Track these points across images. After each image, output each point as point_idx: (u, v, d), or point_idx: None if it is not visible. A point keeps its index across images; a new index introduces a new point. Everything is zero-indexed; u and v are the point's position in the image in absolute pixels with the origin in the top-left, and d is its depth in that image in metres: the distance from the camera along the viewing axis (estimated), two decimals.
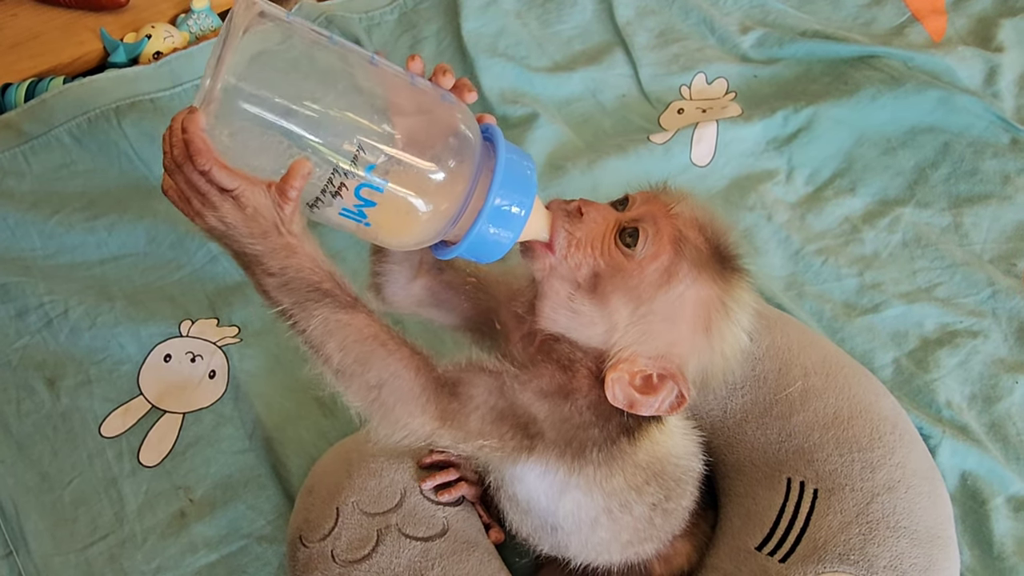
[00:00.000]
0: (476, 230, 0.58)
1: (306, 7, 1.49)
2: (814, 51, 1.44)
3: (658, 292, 0.62)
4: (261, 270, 0.56)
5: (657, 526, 0.77)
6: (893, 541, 0.78)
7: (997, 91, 1.38)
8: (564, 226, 0.63)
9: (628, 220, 0.64)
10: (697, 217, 0.64)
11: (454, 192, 0.58)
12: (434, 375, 0.60)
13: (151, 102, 1.33)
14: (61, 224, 1.18)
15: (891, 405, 0.90)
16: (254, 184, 0.54)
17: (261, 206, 0.54)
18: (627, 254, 0.62)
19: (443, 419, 0.60)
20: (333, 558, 0.80)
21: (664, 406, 0.62)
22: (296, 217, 0.56)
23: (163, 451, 1.02)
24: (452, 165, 0.58)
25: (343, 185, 0.56)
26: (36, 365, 1.07)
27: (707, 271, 0.63)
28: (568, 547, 0.77)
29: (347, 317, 0.57)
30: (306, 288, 0.56)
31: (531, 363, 0.65)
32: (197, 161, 0.52)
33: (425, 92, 0.61)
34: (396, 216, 0.58)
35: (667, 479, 0.73)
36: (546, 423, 0.63)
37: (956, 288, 1.17)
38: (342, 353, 0.57)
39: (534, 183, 0.60)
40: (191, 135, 0.52)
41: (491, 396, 0.62)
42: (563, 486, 0.68)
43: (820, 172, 1.32)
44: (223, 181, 0.53)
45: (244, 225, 0.55)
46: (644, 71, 1.45)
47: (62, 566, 0.95)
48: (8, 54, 1.43)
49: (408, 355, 0.60)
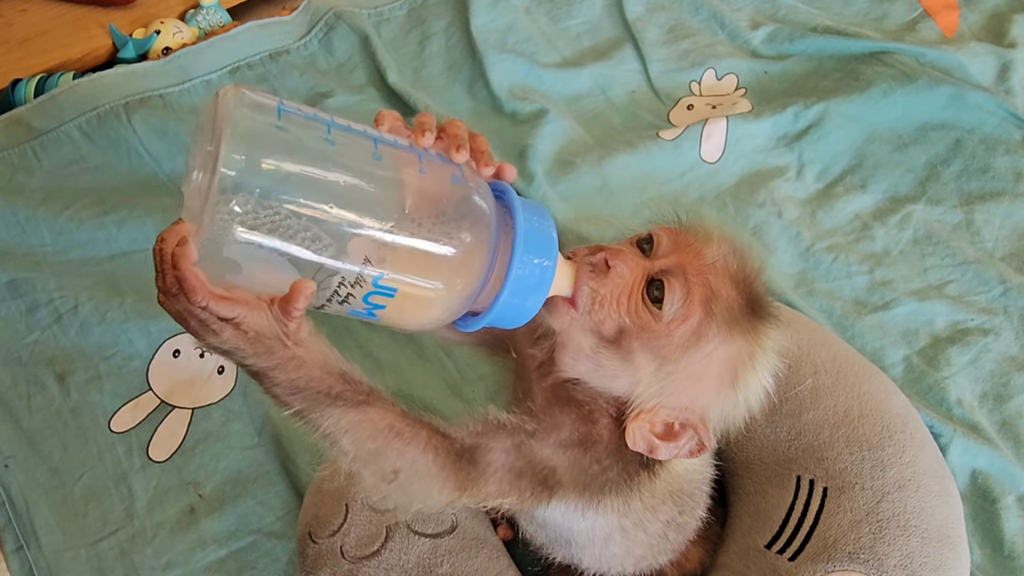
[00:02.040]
0: (500, 303, 0.55)
1: (314, 3, 1.49)
2: (825, 47, 1.43)
3: (685, 353, 0.60)
4: (269, 383, 0.55)
5: (671, 540, 0.76)
6: (903, 540, 0.78)
7: (1010, 87, 1.37)
8: (589, 283, 0.60)
9: (656, 272, 0.61)
10: (730, 267, 0.61)
11: (472, 269, 0.55)
12: (452, 451, 0.59)
13: (160, 98, 1.33)
14: (71, 220, 1.18)
15: (902, 403, 0.90)
16: (254, 307, 0.52)
17: (264, 328, 0.52)
18: (655, 314, 0.59)
19: (463, 488, 0.60)
20: (342, 554, 0.80)
21: (683, 452, 0.62)
22: (302, 327, 0.54)
23: (172, 447, 1.03)
24: (469, 243, 0.54)
25: (350, 295, 0.53)
26: (46, 361, 1.08)
27: (737, 328, 0.60)
28: (581, 559, 0.76)
29: (359, 416, 0.56)
30: (316, 395, 0.55)
31: (549, 409, 0.64)
32: (192, 298, 0.50)
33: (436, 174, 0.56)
34: (411, 307, 0.55)
35: (682, 496, 0.73)
36: (566, 474, 0.63)
37: (967, 286, 1.17)
38: (357, 448, 0.57)
39: (555, 245, 0.57)
40: (183, 272, 0.49)
41: (509, 457, 0.61)
42: (582, 511, 0.67)
43: (831, 169, 1.31)
44: (222, 312, 0.51)
45: (248, 347, 0.53)
46: (654, 67, 1.45)
47: (72, 561, 0.95)
48: (17, 50, 1.43)
49: (425, 440, 0.59)
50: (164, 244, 0.50)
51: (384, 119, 0.58)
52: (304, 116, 0.52)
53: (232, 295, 0.51)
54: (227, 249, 0.49)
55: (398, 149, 0.56)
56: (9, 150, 1.26)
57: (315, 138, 0.51)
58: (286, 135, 0.50)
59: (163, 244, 0.50)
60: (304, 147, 0.51)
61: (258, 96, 0.51)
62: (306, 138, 0.51)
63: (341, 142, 0.53)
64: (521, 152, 1.29)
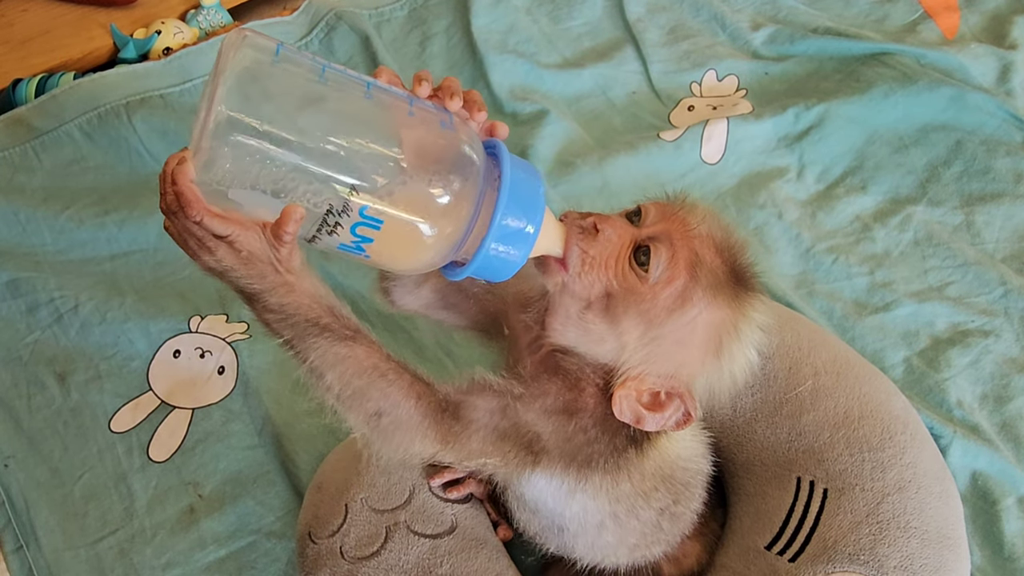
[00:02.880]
0: (484, 251, 0.57)
1: (315, 3, 1.49)
2: (826, 48, 1.43)
3: (671, 316, 0.61)
4: (260, 307, 0.57)
5: (665, 530, 0.76)
6: (903, 541, 0.78)
7: (1010, 89, 1.37)
8: (578, 243, 0.62)
9: (644, 238, 0.62)
10: (715, 236, 0.63)
11: (459, 215, 0.57)
12: (435, 400, 0.61)
13: (161, 98, 1.33)
14: (72, 220, 1.18)
15: (902, 405, 0.90)
16: (248, 228, 0.55)
17: (256, 249, 0.55)
18: (641, 276, 0.61)
19: (444, 441, 0.61)
20: (342, 554, 0.80)
21: (670, 423, 0.62)
22: (293, 255, 0.56)
23: (172, 447, 1.03)
24: (456, 187, 0.56)
25: (338, 224, 0.55)
26: (46, 360, 1.08)
27: (722, 295, 0.62)
28: (574, 548, 0.77)
29: (346, 350, 0.58)
30: (304, 323, 0.57)
31: (537, 376, 0.65)
32: (188, 212, 0.52)
33: (425, 117, 0.59)
34: (398, 245, 0.57)
35: (675, 483, 0.73)
36: (550, 440, 0.64)
37: (968, 287, 1.17)
38: (341, 384, 0.58)
39: (542, 200, 0.59)
40: (180, 187, 0.52)
41: (493, 417, 0.62)
42: (570, 490, 0.68)
43: (831, 170, 1.31)
44: (216, 229, 0.54)
45: (241, 267, 0.55)
46: (654, 68, 1.45)
47: (72, 561, 0.95)
48: (18, 50, 1.43)
49: (408, 383, 0.60)
50: (167, 165, 0.53)
51: (383, 73, 0.60)
52: (301, 58, 0.55)
53: (227, 214, 0.54)
54: (221, 180, 0.52)
55: (390, 94, 0.58)
56: (10, 150, 1.26)
57: (309, 77, 0.54)
58: (281, 73, 0.54)
59: (166, 165, 0.53)
60: (298, 84, 0.54)
61: (260, 38, 0.54)
62: (300, 76, 0.54)
63: (334, 82, 0.56)
64: (522, 153, 1.29)
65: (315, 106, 0.54)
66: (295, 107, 0.53)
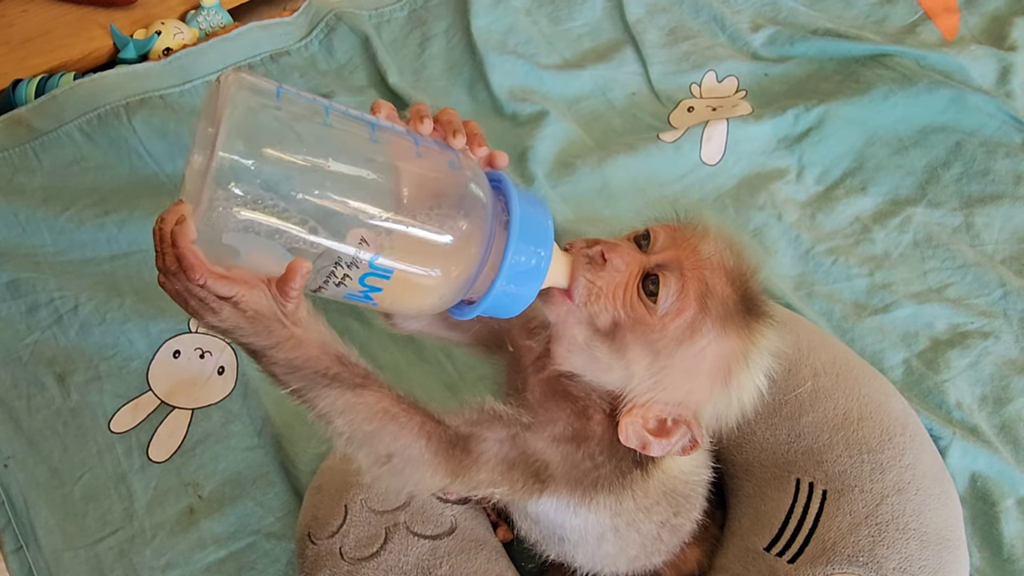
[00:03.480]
0: (494, 291, 0.55)
1: (315, 4, 1.49)
2: (825, 49, 1.43)
3: (680, 347, 0.60)
4: (267, 361, 0.55)
5: (665, 541, 0.76)
6: (902, 543, 0.78)
7: (1010, 90, 1.37)
8: (585, 274, 0.60)
9: (653, 267, 0.61)
10: (726, 264, 0.62)
11: (469, 257, 0.55)
12: (446, 436, 0.60)
13: (161, 98, 1.33)
14: (71, 220, 1.18)
15: (901, 406, 0.90)
16: (253, 287, 0.53)
17: (262, 307, 0.53)
18: (649, 307, 0.60)
19: (455, 475, 0.60)
20: (342, 555, 0.80)
21: (676, 448, 0.62)
22: (300, 308, 0.55)
23: (172, 447, 1.03)
24: (465, 229, 0.54)
25: (347, 276, 0.53)
26: (46, 361, 1.08)
27: (732, 325, 0.61)
28: (575, 557, 0.77)
29: (355, 398, 0.57)
30: (313, 374, 0.56)
31: (544, 402, 0.64)
32: (191, 276, 0.50)
33: (433, 158, 0.57)
34: (407, 292, 0.56)
35: (677, 497, 0.73)
36: (559, 469, 0.63)
37: (967, 288, 1.17)
38: (351, 429, 0.57)
39: (551, 234, 0.57)
40: (182, 250, 0.49)
41: (503, 447, 0.62)
42: (574, 507, 0.67)
43: (831, 171, 1.31)
44: (220, 291, 0.51)
45: (247, 325, 0.53)
46: (654, 69, 1.45)
47: (72, 561, 0.95)
48: (19, 50, 1.43)
49: (419, 424, 0.59)
50: (164, 224, 0.50)
51: (380, 108, 0.59)
52: (303, 100, 0.53)
53: (230, 274, 0.52)
54: (224, 233, 0.50)
55: (395, 134, 0.56)
56: (10, 150, 1.26)
57: (313, 122, 0.52)
58: (284, 119, 0.51)
59: (163, 224, 0.50)
60: (302, 131, 0.51)
61: (258, 80, 0.52)
62: (304, 122, 0.52)
63: (339, 126, 0.53)
64: (522, 153, 1.29)
65: (321, 151, 0.51)
66: (301, 153, 0.51)
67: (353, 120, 0.55)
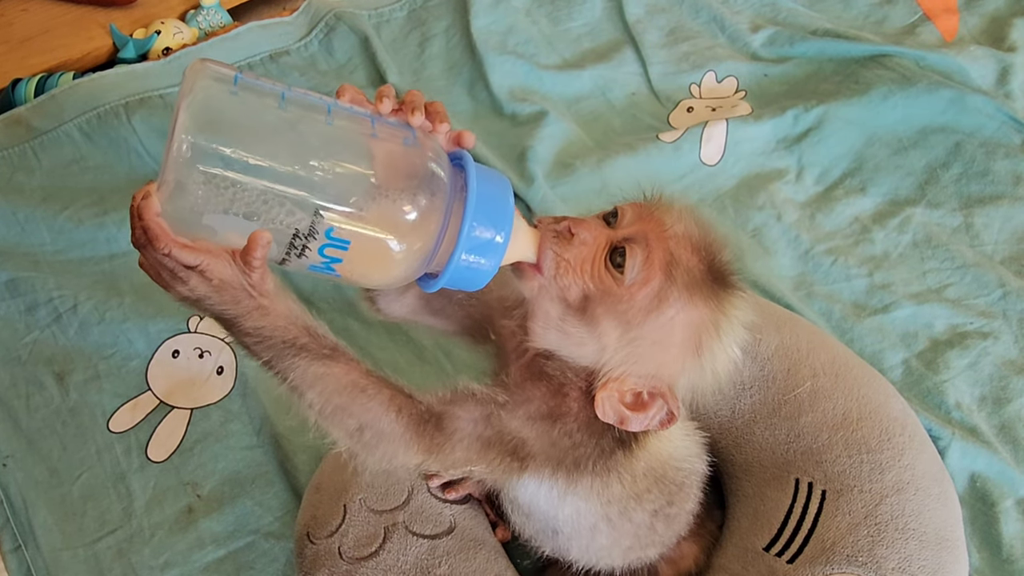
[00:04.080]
0: (454, 262, 0.57)
1: (315, 4, 1.49)
2: (825, 50, 1.43)
3: (648, 317, 0.61)
4: (237, 331, 0.58)
5: (659, 532, 0.76)
6: (902, 543, 0.78)
7: (1009, 91, 1.37)
8: (552, 248, 0.62)
9: (619, 240, 0.62)
10: (691, 235, 0.63)
11: (427, 229, 0.57)
12: (417, 411, 0.62)
13: (160, 98, 1.33)
14: (71, 219, 1.18)
15: (900, 406, 0.90)
16: (217, 256, 0.55)
17: (228, 276, 0.55)
18: (617, 278, 0.61)
19: (428, 451, 0.62)
20: (340, 555, 0.80)
21: (654, 422, 0.62)
22: (265, 279, 0.57)
23: (171, 447, 1.03)
24: (423, 203, 0.56)
25: (306, 247, 0.55)
26: (45, 360, 1.08)
27: (699, 294, 0.61)
28: (569, 551, 0.77)
29: (324, 368, 0.59)
30: (281, 344, 0.58)
31: (521, 383, 0.65)
32: (156, 245, 0.53)
33: (388, 135, 0.59)
34: (368, 263, 0.58)
35: (668, 484, 0.73)
36: (535, 446, 0.64)
37: (966, 289, 1.17)
38: (322, 401, 0.59)
39: (511, 208, 0.59)
40: (146, 221, 0.53)
41: (477, 426, 0.63)
42: (562, 493, 0.68)
43: (830, 172, 1.32)
44: (186, 259, 0.54)
45: (214, 295, 0.56)
46: (654, 69, 1.45)
47: (70, 560, 0.95)
48: (18, 49, 1.43)
49: (388, 397, 0.61)
50: (133, 200, 0.54)
51: (345, 91, 0.60)
52: (261, 85, 0.56)
53: (195, 244, 0.54)
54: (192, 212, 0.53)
55: (352, 115, 0.58)
56: (9, 149, 1.26)
57: (269, 103, 0.55)
58: (241, 101, 0.54)
59: (133, 201, 0.54)
60: (258, 111, 0.55)
61: (218, 67, 0.55)
62: (261, 103, 0.55)
63: (295, 107, 0.56)
64: (521, 154, 1.29)
65: (276, 132, 0.55)
66: (256, 134, 0.54)
67: (310, 102, 0.57)
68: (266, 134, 0.54)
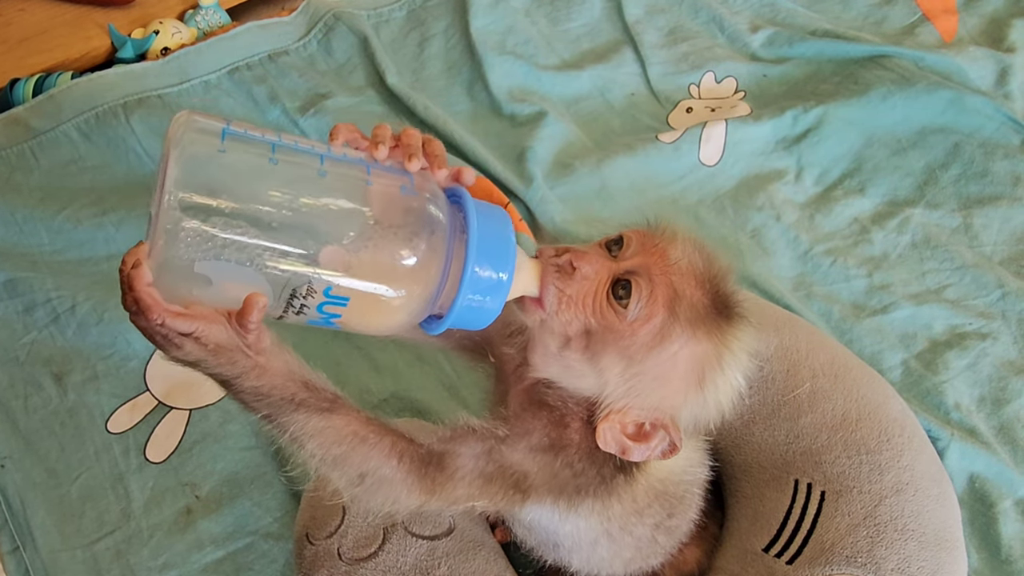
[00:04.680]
0: (458, 306, 0.56)
1: (314, 4, 1.49)
2: (824, 50, 1.43)
3: (650, 353, 0.61)
4: (234, 390, 0.57)
5: (660, 543, 0.76)
6: (901, 544, 0.78)
7: (1008, 92, 1.37)
8: (554, 283, 0.61)
9: (622, 273, 0.61)
10: (695, 268, 0.62)
11: (429, 275, 0.56)
12: (418, 455, 0.61)
13: (159, 98, 1.33)
14: (69, 220, 1.18)
15: (900, 407, 0.90)
16: (212, 321, 0.54)
17: (223, 340, 0.54)
18: (619, 313, 0.60)
19: (431, 492, 0.62)
20: (339, 556, 0.80)
21: (656, 453, 0.62)
22: (262, 338, 0.56)
23: (170, 447, 1.02)
24: (423, 248, 0.55)
25: (304, 306, 0.55)
26: (43, 360, 1.07)
27: (702, 328, 0.61)
28: (570, 562, 0.77)
29: (324, 422, 0.58)
30: (280, 401, 0.57)
31: (521, 413, 0.65)
32: (149, 317, 0.52)
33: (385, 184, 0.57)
34: (369, 314, 0.57)
35: (670, 498, 0.73)
36: (537, 478, 0.64)
37: (965, 290, 1.17)
38: (323, 452, 0.59)
39: (512, 246, 0.58)
40: (137, 293, 0.51)
41: (479, 462, 0.63)
42: (563, 514, 0.68)
43: (829, 172, 1.32)
44: (180, 328, 0.53)
45: (210, 358, 0.55)
46: (653, 69, 1.45)
47: (68, 561, 0.95)
48: (16, 49, 1.43)
49: (390, 445, 0.61)
50: (124, 265, 0.52)
51: (339, 133, 0.59)
52: (249, 138, 0.54)
53: (190, 311, 0.53)
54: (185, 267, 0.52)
55: (346, 164, 0.57)
56: (7, 149, 1.26)
57: (259, 157, 0.53)
58: (229, 159, 0.52)
59: (123, 265, 0.53)
60: (248, 166, 0.53)
61: (206, 120, 0.53)
62: (251, 157, 0.53)
63: (285, 163, 0.54)
64: (520, 154, 1.29)
65: (267, 187, 0.53)
66: (247, 189, 0.52)
67: (301, 154, 0.55)
68: (257, 190, 0.53)
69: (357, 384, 1.07)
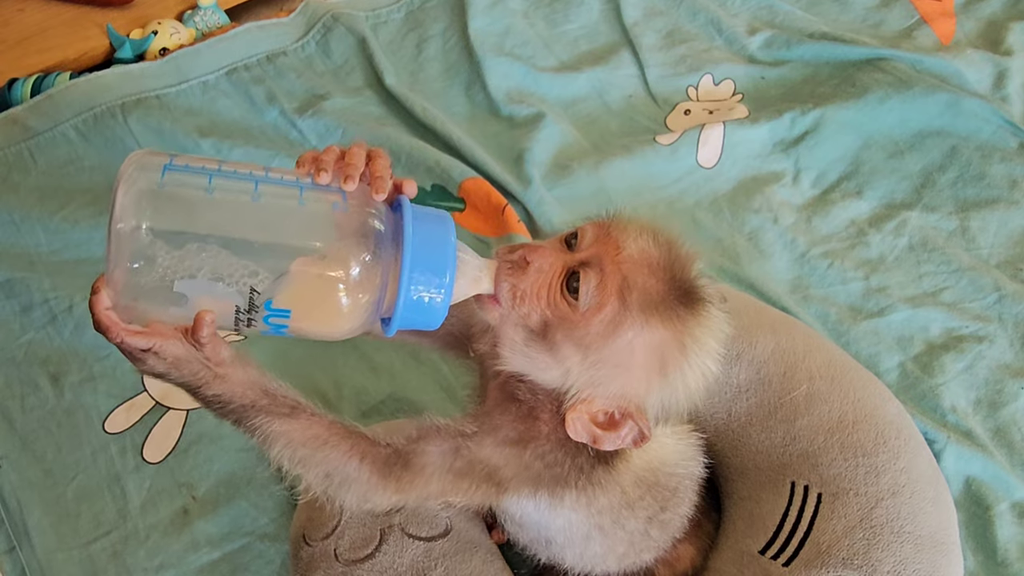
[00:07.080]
0: (399, 311, 0.59)
1: (312, 5, 1.49)
2: (822, 53, 1.44)
3: (606, 342, 0.61)
4: (200, 398, 0.62)
5: (654, 537, 0.77)
6: (897, 546, 0.78)
7: (1006, 95, 1.37)
8: (508, 279, 0.63)
9: (575, 264, 0.62)
10: (648, 255, 0.62)
11: (371, 282, 0.59)
12: (380, 456, 0.64)
13: (157, 98, 1.33)
14: (66, 220, 1.18)
15: (896, 410, 0.90)
16: (168, 337, 0.59)
17: (180, 353, 0.59)
18: (572, 304, 0.61)
19: (399, 490, 0.64)
20: (336, 557, 0.80)
21: (626, 441, 0.63)
22: (218, 350, 0.60)
23: (167, 448, 1.02)
24: (363, 258, 0.58)
25: (251, 319, 0.58)
26: (40, 361, 1.07)
27: (656, 315, 0.61)
28: (564, 559, 0.77)
29: (284, 427, 0.63)
30: (242, 408, 0.62)
31: (493, 408, 0.67)
32: (109, 337, 0.57)
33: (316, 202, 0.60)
34: (316, 323, 0.60)
35: (661, 490, 0.73)
36: (508, 471, 0.65)
37: (962, 293, 1.17)
38: (288, 453, 0.63)
39: (452, 249, 0.60)
40: (96, 315, 0.57)
41: (446, 459, 0.65)
42: (548, 507, 0.69)
43: (827, 175, 1.32)
44: (138, 344, 0.58)
45: (172, 370, 0.60)
46: (651, 72, 1.45)
47: (65, 562, 0.95)
48: (14, 49, 1.43)
49: (349, 446, 0.64)
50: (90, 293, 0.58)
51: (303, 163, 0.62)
52: (190, 170, 0.58)
53: (148, 329, 0.58)
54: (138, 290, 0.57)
55: (281, 186, 0.60)
56: (5, 149, 1.26)
57: (195, 192, 0.58)
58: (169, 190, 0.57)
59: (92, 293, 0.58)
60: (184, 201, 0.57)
61: (150, 157, 0.58)
62: (186, 192, 0.58)
63: (221, 193, 0.58)
64: (518, 156, 1.29)
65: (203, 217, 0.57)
66: (184, 220, 0.57)
67: (238, 181, 0.59)
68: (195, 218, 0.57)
69: (354, 385, 1.07)
